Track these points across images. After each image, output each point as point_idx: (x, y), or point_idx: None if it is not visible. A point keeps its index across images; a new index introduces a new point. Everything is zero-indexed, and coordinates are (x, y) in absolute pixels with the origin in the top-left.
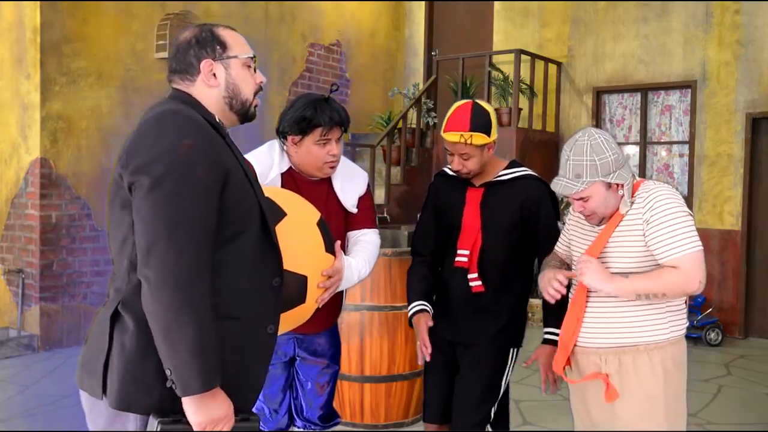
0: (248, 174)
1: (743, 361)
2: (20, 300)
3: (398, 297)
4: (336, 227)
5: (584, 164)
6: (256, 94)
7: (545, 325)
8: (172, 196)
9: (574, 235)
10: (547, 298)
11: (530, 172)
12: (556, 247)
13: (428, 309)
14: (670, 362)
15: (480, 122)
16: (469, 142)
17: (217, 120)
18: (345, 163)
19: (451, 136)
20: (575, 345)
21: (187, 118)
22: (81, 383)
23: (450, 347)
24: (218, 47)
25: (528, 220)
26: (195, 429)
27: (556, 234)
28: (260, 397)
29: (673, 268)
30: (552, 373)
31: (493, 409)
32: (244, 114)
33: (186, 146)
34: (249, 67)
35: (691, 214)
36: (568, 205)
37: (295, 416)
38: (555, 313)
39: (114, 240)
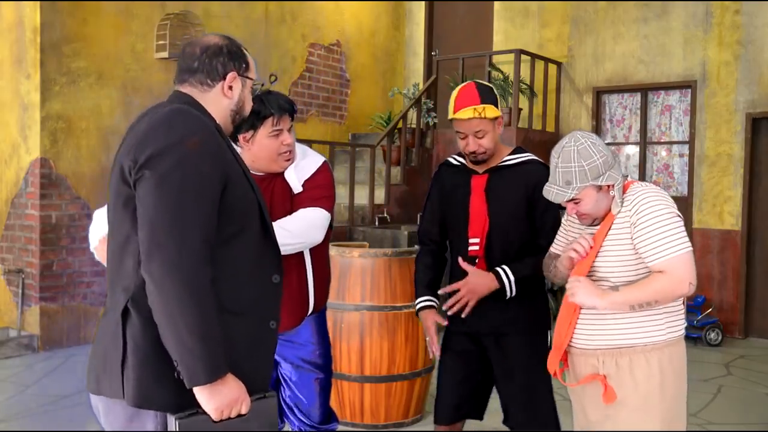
0: (247, 174)
1: (743, 361)
2: (20, 300)
3: (398, 297)
4: (285, 214)
5: (573, 170)
6: None
7: (506, 264)
8: (178, 192)
9: (573, 235)
10: (574, 255)
11: (534, 157)
12: (553, 249)
13: (435, 304)
14: (668, 363)
15: (488, 95)
16: (483, 115)
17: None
18: (300, 148)
19: (464, 113)
20: (572, 347)
21: (195, 117)
22: (97, 387)
23: (471, 341)
24: (244, 64)
25: (532, 204)
26: (213, 416)
27: (555, 221)
28: None
29: (661, 274)
30: (466, 295)
31: (553, 399)
32: (237, 130)
33: (193, 143)
34: (250, 90)
35: (679, 216)
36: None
37: (291, 417)
38: (521, 262)
39: (115, 239)
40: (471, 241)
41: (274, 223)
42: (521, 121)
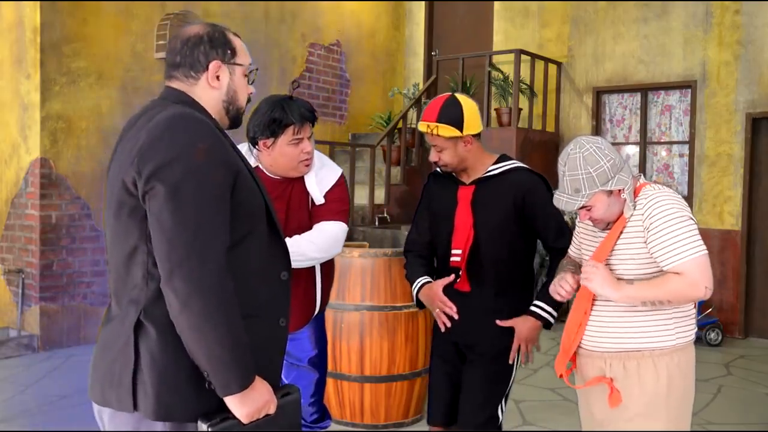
0: (252, 173)
1: (743, 361)
2: (20, 300)
3: (398, 297)
4: (301, 221)
5: (580, 178)
6: (246, 103)
7: (536, 299)
8: (192, 204)
9: (584, 239)
10: (558, 298)
11: (519, 164)
12: (569, 250)
13: (433, 282)
14: (676, 369)
15: (448, 114)
16: (435, 132)
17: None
18: (318, 156)
19: (420, 126)
20: (580, 348)
21: (198, 121)
22: (102, 399)
23: (453, 348)
24: (228, 51)
25: (523, 213)
26: (244, 421)
27: (558, 221)
28: None
29: (677, 275)
30: (526, 346)
31: (500, 410)
32: (236, 120)
33: (200, 150)
34: (246, 76)
35: (692, 219)
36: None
37: None
38: (545, 288)
39: (118, 250)
40: (453, 252)
41: (300, 237)
42: (521, 121)
